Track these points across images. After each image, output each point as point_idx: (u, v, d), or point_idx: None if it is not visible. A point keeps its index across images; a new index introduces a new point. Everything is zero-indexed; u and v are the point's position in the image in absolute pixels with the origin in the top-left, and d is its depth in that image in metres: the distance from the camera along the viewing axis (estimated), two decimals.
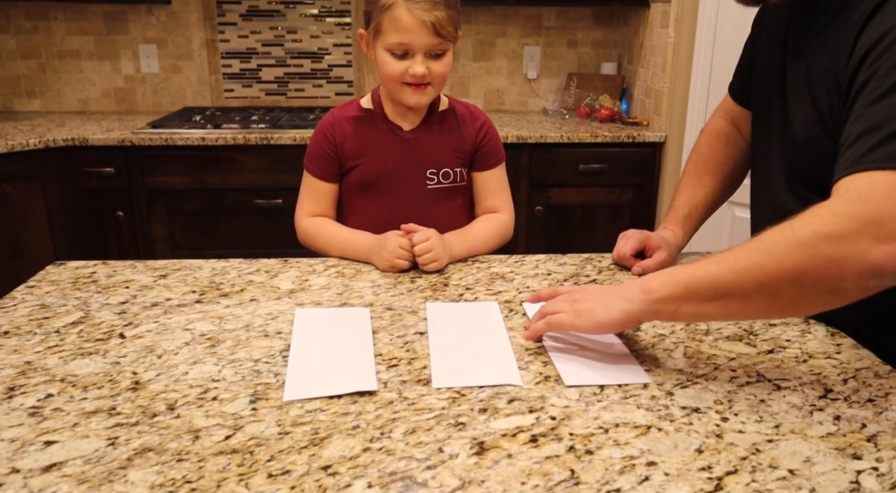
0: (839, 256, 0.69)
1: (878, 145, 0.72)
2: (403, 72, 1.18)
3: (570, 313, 0.86)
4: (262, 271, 1.19)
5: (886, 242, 0.68)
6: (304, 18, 2.97)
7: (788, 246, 0.71)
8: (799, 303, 0.75)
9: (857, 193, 0.71)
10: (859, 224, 0.68)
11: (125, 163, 2.48)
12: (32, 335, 0.95)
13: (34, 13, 2.87)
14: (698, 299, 0.78)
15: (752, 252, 0.75)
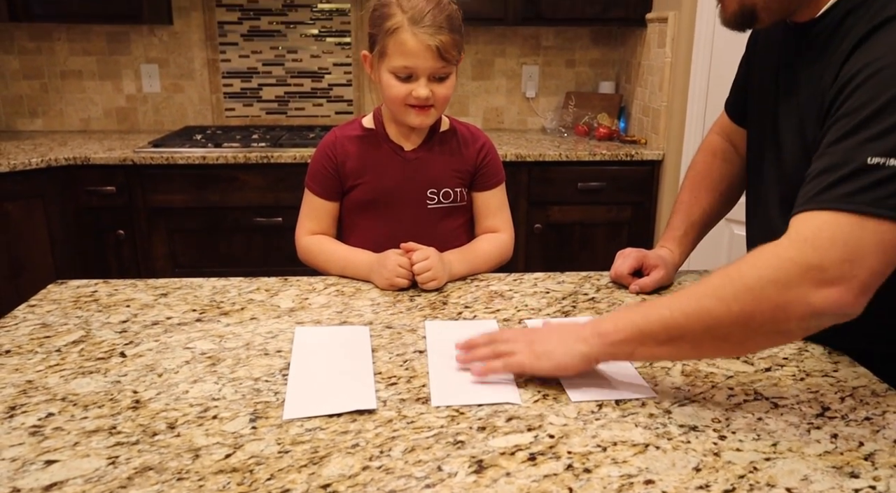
0: (783, 300, 0.72)
1: (832, 185, 0.74)
2: (407, 94, 1.20)
3: (529, 354, 0.85)
4: (263, 289, 1.20)
5: (826, 287, 0.71)
6: (304, 38, 3.00)
7: (736, 291, 0.74)
8: (746, 344, 0.79)
9: (804, 237, 0.74)
10: (802, 270, 0.72)
11: (126, 181, 2.49)
12: (34, 354, 0.95)
13: (37, 34, 2.91)
14: (652, 342, 0.80)
15: (701, 296, 0.77)
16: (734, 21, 0.91)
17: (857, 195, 0.72)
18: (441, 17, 1.16)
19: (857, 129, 0.74)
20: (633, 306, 0.85)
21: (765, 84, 1.04)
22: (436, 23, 1.15)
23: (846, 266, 0.71)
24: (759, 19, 0.90)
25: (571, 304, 1.14)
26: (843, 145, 0.74)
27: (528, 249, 2.68)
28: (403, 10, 1.16)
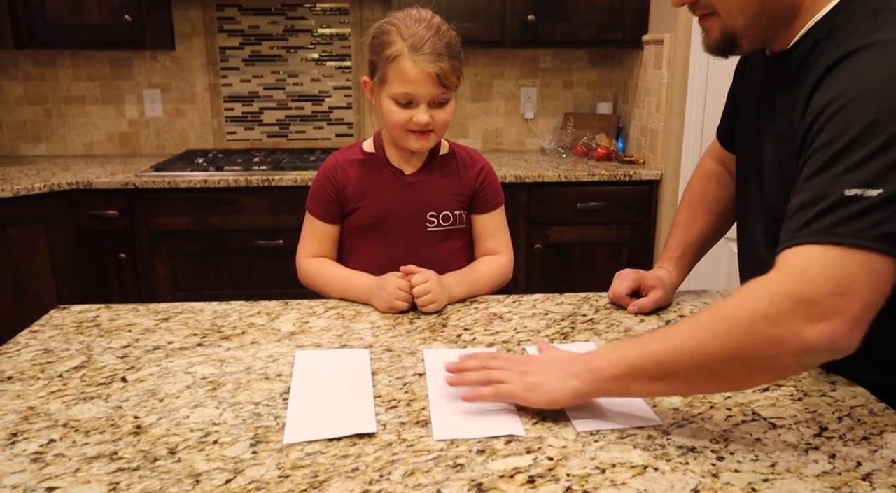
0: (776, 336, 0.72)
1: (813, 220, 0.74)
2: (408, 120, 1.22)
3: (521, 385, 0.85)
4: (263, 313, 1.21)
5: (819, 321, 0.70)
6: (305, 62, 3.04)
7: (729, 326, 0.74)
8: (740, 380, 0.79)
9: (794, 270, 0.73)
10: (793, 304, 0.71)
11: (128, 205, 2.51)
12: (35, 380, 0.96)
13: (42, 60, 2.94)
14: (645, 378, 0.80)
15: (695, 332, 0.77)
16: (716, 48, 0.93)
17: (839, 227, 0.72)
18: (440, 44, 1.18)
19: (831, 162, 0.74)
20: (627, 342, 0.85)
21: (748, 113, 1.06)
22: (435, 50, 1.17)
23: (838, 300, 0.70)
24: (739, 46, 0.91)
25: (570, 325, 1.14)
26: (820, 179, 0.75)
27: (529, 269, 2.69)
28: (403, 37, 1.18)
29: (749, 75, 1.08)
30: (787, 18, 0.88)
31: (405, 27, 1.19)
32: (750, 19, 0.88)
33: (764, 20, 0.88)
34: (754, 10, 0.87)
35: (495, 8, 2.69)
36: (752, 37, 0.90)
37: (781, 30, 0.90)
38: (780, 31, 0.90)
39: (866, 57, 0.77)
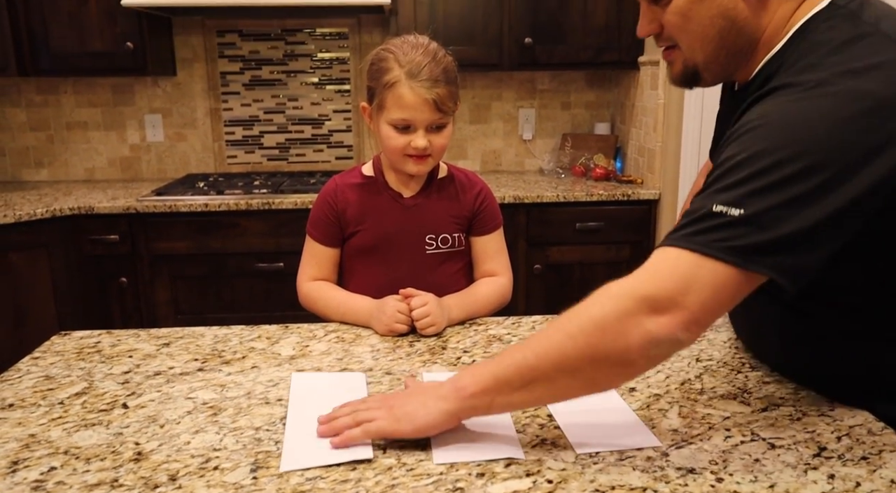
0: (622, 328, 0.76)
1: (682, 226, 0.78)
2: (406, 145, 1.23)
3: (389, 417, 0.84)
4: (264, 337, 1.21)
5: (660, 314, 0.75)
6: (304, 86, 3.07)
7: (581, 323, 0.78)
8: (597, 379, 0.81)
9: (647, 268, 0.79)
10: (639, 300, 0.76)
11: (129, 230, 2.52)
12: (37, 407, 0.96)
13: (45, 87, 2.98)
14: (509, 388, 0.81)
15: (551, 334, 0.80)
16: (680, 80, 0.95)
17: (697, 236, 0.76)
18: (437, 70, 1.20)
19: (715, 180, 0.79)
20: (489, 359, 0.87)
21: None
22: (432, 76, 1.19)
23: (678, 297, 0.75)
24: (702, 79, 0.93)
25: None
26: (704, 193, 0.79)
27: (529, 290, 2.69)
28: (401, 64, 1.20)
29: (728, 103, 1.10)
30: (746, 53, 0.90)
31: (402, 54, 1.21)
32: (710, 54, 0.90)
33: (724, 55, 0.90)
34: (714, 45, 0.89)
35: (492, 31, 2.73)
36: (713, 70, 0.92)
37: (743, 63, 0.91)
38: (742, 64, 0.91)
39: (783, 95, 0.80)
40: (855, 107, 0.75)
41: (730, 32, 0.88)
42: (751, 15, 0.87)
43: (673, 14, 0.89)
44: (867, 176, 0.74)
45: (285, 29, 3.00)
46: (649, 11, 0.92)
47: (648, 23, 0.93)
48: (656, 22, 0.92)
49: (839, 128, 0.74)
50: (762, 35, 0.88)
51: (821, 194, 0.73)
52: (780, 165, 0.74)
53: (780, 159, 0.74)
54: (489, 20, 2.72)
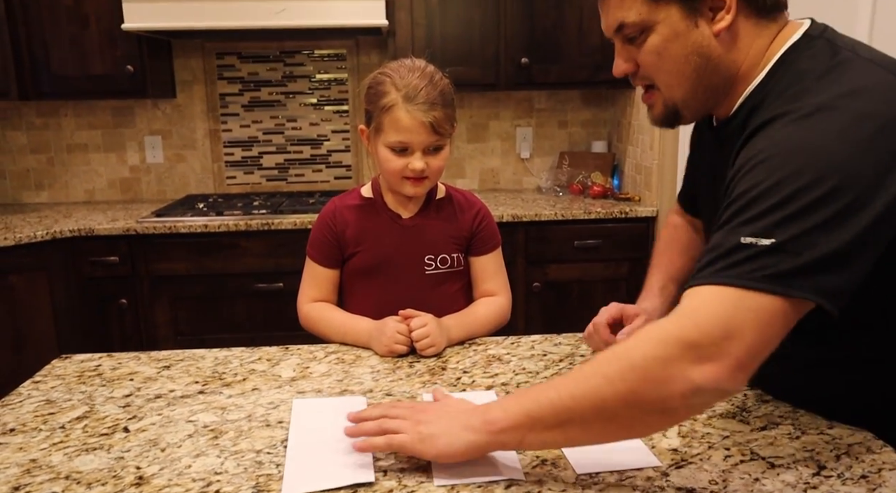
0: (664, 377, 0.74)
1: (711, 263, 0.77)
2: (404, 167, 1.25)
3: (413, 435, 0.83)
4: (264, 359, 1.21)
5: (704, 363, 0.73)
6: (303, 107, 3.10)
7: (621, 369, 0.76)
8: (634, 425, 0.79)
9: (686, 312, 0.76)
10: (682, 347, 0.73)
11: (129, 251, 2.53)
12: (38, 432, 0.96)
13: (45, 110, 3.00)
14: (541, 427, 0.79)
15: (588, 376, 0.78)
16: (661, 120, 0.96)
17: (730, 270, 0.75)
18: (434, 93, 1.22)
19: (737, 213, 0.78)
20: (525, 391, 0.84)
21: (704, 183, 1.10)
22: (429, 99, 1.21)
23: (723, 342, 0.72)
24: (682, 117, 0.94)
25: (569, 366, 1.15)
26: (726, 228, 0.78)
27: (528, 308, 2.69)
28: (398, 88, 1.22)
29: (702, 145, 1.12)
30: (725, 88, 0.91)
31: (399, 78, 1.23)
32: (688, 91, 0.91)
33: (702, 91, 0.91)
34: (691, 82, 0.90)
35: (489, 52, 2.76)
36: (692, 107, 0.93)
37: (722, 98, 0.92)
38: (721, 99, 0.92)
39: (782, 123, 0.80)
40: (864, 127, 0.75)
41: (706, 69, 0.89)
42: (725, 51, 0.88)
43: (648, 53, 0.90)
44: (887, 192, 0.74)
45: (284, 51, 3.03)
46: (624, 51, 0.93)
47: (624, 61, 0.94)
48: (632, 61, 0.93)
49: (854, 148, 0.75)
50: (738, 70, 0.90)
51: (848, 214, 0.73)
52: (803, 190, 0.74)
53: (803, 185, 0.74)
54: (486, 41, 2.75)
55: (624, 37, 0.92)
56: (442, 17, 2.72)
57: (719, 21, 0.86)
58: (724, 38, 0.87)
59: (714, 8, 0.86)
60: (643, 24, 0.88)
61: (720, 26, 0.86)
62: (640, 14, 0.88)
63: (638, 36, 0.90)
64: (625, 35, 0.91)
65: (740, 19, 0.87)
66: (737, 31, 0.88)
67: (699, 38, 0.87)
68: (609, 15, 0.92)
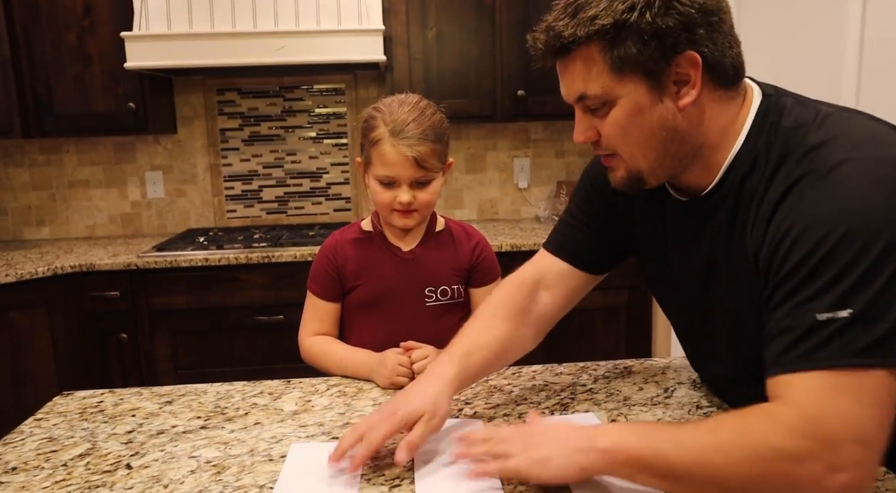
0: (796, 475, 0.72)
1: (793, 345, 0.75)
2: (392, 200, 1.27)
3: (525, 458, 0.83)
4: (266, 393, 1.22)
5: (840, 472, 0.71)
6: (302, 141, 3.13)
7: (746, 455, 0.74)
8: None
9: (800, 403, 0.74)
10: (815, 448, 0.71)
11: (130, 286, 2.54)
12: (40, 470, 0.96)
13: (48, 148, 3.03)
14: (651, 473, 0.79)
15: (709, 449, 0.76)
16: (623, 185, 0.93)
17: (818, 351, 0.73)
18: (422, 127, 1.24)
19: (799, 288, 0.76)
20: (633, 427, 0.84)
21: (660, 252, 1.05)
22: (416, 134, 1.23)
23: (860, 450, 0.71)
24: (646, 182, 0.92)
25: (570, 396, 1.16)
26: (792, 305, 0.76)
27: None
28: (385, 123, 1.25)
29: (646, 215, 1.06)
30: (692, 157, 0.89)
31: (389, 113, 1.26)
32: (653, 161, 0.89)
33: (669, 160, 0.89)
34: (656, 154, 0.88)
35: (486, 85, 2.80)
36: (658, 175, 0.91)
37: (691, 166, 0.91)
38: (690, 166, 0.91)
39: (808, 186, 0.79)
40: (892, 172, 0.75)
41: (672, 141, 0.87)
42: (691, 124, 0.87)
43: (611, 126, 0.88)
44: None
45: (283, 86, 3.08)
46: (585, 119, 0.90)
47: (584, 130, 0.91)
48: (593, 129, 0.90)
49: (891, 195, 0.74)
50: (708, 140, 0.88)
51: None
52: (861, 253, 0.73)
53: (858, 248, 0.73)
54: (482, 74, 2.80)
55: (585, 106, 0.89)
56: (439, 52, 2.77)
57: (684, 96, 0.85)
58: (690, 111, 0.86)
59: (678, 82, 0.84)
60: (605, 98, 0.86)
61: (685, 101, 0.85)
62: (603, 87, 0.85)
63: (600, 108, 0.87)
64: (586, 105, 0.89)
65: (705, 92, 0.86)
66: (703, 104, 0.86)
67: (664, 113, 0.85)
68: (570, 84, 0.89)
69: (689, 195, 0.96)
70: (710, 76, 0.85)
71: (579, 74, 0.87)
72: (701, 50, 0.83)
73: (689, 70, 0.84)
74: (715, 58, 0.84)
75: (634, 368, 1.28)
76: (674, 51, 0.82)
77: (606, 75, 0.85)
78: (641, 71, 0.83)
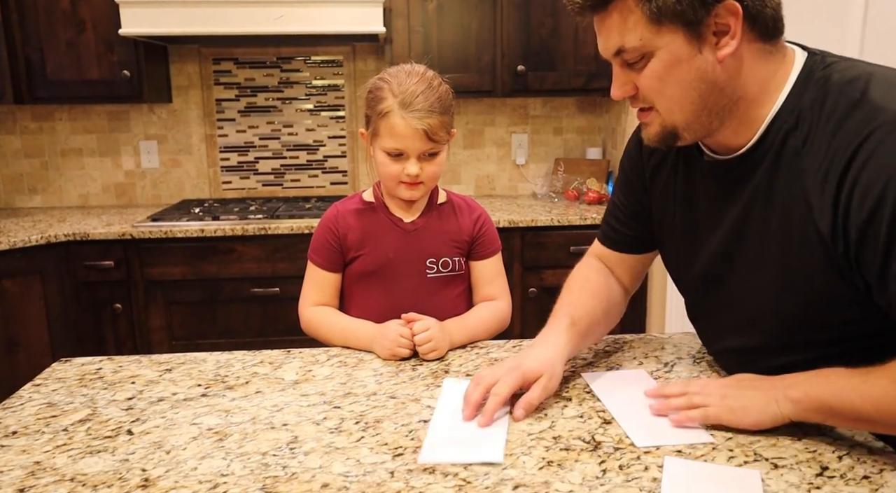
0: None
1: None
2: (399, 172, 1.26)
3: (724, 408, 0.91)
4: (266, 362, 1.21)
5: None
6: (299, 113, 3.10)
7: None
8: None
9: None
10: None
11: (124, 256, 2.52)
12: (40, 435, 0.96)
13: (40, 115, 2.99)
14: (840, 418, 0.86)
15: (890, 395, 0.80)
16: (657, 141, 0.93)
17: None
18: (431, 99, 1.23)
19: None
20: (822, 380, 0.87)
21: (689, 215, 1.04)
22: (425, 106, 1.22)
23: None
24: (681, 138, 0.92)
25: (570, 369, 1.16)
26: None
27: (524, 312, 2.70)
28: (394, 94, 1.23)
29: (667, 182, 1.07)
30: (729, 111, 0.89)
31: (397, 84, 1.24)
32: (690, 115, 0.89)
33: (706, 114, 0.89)
34: (695, 107, 0.88)
35: (486, 59, 2.77)
36: (694, 129, 0.91)
37: (727, 120, 0.90)
38: (726, 122, 0.90)
39: (881, 139, 0.77)
40: None
41: (710, 94, 0.87)
42: (730, 76, 0.86)
43: (649, 78, 0.87)
44: None
45: (281, 57, 3.04)
46: (623, 74, 0.90)
47: (622, 85, 0.91)
48: (630, 84, 0.90)
49: None
50: (746, 94, 0.88)
51: None
52: None
53: None
54: (482, 48, 2.77)
55: (623, 61, 0.89)
56: (439, 25, 2.74)
57: (724, 47, 0.84)
58: (729, 63, 0.85)
59: (718, 33, 0.84)
60: (644, 49, 0.85)
61: (724, 52, 0.84)
62: (641, 39, 0.85)
63: (638, 61, 0.87)
64: (624, 59, 0.88)
65: (744, 44, 0.85)
66: (742, 57, 0.85)
67: (703, 65, 0.85)
68: (608, 38, 0.88)
69: (724, 154, 0.96)
70: (751, 27, 0.85)
71: (616, 28, 0.86)
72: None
73: (728, 20, 0.83)
74: (756, 8, 0.84)
75: (634, 343, 1.28)
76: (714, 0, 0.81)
77: (644, 26, 0.84)
78: (680, 21, 0.83)
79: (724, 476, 0.82)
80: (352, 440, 0.93)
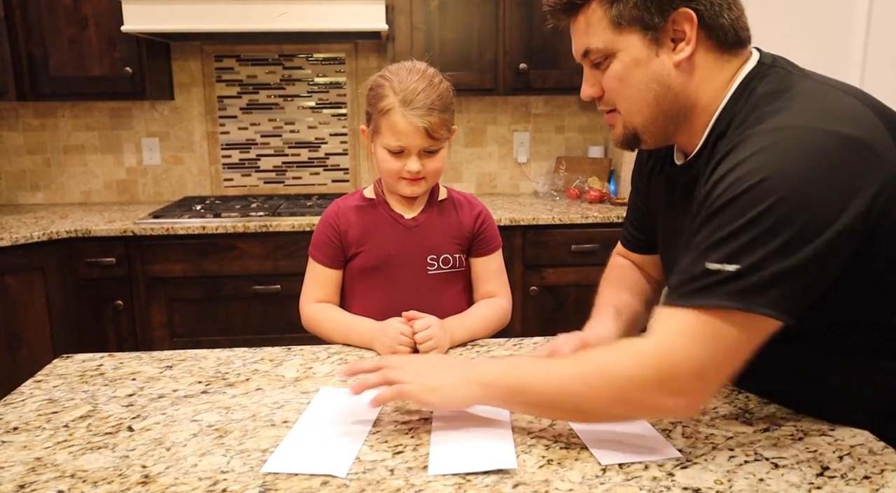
0: (639, 400, 0.84)
1: (680, 285, 0.82)
2: (400, 168, 1.26)
3: (419, 386, 0.92)
4: (267, 359, 1.21)
5: (677, 396, 0.82)
6: (301, 110, 3.10)
7: (603, 382, 0.85)
8: (602, 418, 0.90)
9: (663, 338, 0.83)
10: (659, 379, 0.82)
11: (126, 253, 2.52)
12: (41, 430, 0.96)
13: (42, 111, 2.99)
14: (522, 401, 0.91)
15: (574, 379, 0.86)
16: (621, 142, 0.99)
17: (696, 295, 0.80)
18: (431, 97, 1.23)
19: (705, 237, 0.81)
20: (513, 365, 0.95)
21: (668, 227, 1.10)
22: (426, 104, 1.22)
23: (697, 382, 0.82)
24: (643, 141, 0.97)
25: None
26: (694, 252, 0.82)
27: (525, 311, 2.70)
28: (395, 91, 1.23)
29: (657, 187, 1.12)
30: (684, 117, 0.94)
31: (398, 81, 1.24)
32: (647, 117, 0.94)
33: (662, 118, 0.94)
34: (651, 110, 0.93)
35: (488, 57, 2.77)
36: (652, 132, 0.96)
37: (682, 127, 0.95)
38: (681, 127, 0.95)
39: (745, 145, 0.82)
40: (823, 145, 0.78)
41: (665, 97, 0.92)
42: (684, 81, 0.91)
43: (611, 79, 0.93)
44: (847, 213, 0.76)
45: (283, 54, 3.04)
46: (591, 75, 0.97)
47: (590, 86, 0.97)
48: (597, 85, 0.96)
49: (813, 170, 0.77)
50: (699, 101, 0.92)
51: (807, 237, 0.76)
52: (767, 211, 0.76)
53: (767, 206, 0.76)
54: (485, 46, 2.76)
55: (590, 62, 0.95)
56: (441, 23, 2.74)
57: (679, 52, 0.89)
58: (685, 68, 0.90)
59: (675, 39, 0.89)
60: (606, 51, 0.92)
61: (680, 57, 0.89)
62: (603, 41, 0.91)
63: (603, 61, 0.93)
64: (591, 60, 0.95)
65: (700, 52, 0.90)
66: (696, 64, 0.90)
67: (659, 68, 0.90)
68: (577, 40, 0.96)
69: (684, 159, 1.01)
70: (707, 35, 0.90)
71: (583, 30, 0.94)
72: (697, 7, 0.87)
73: (684, 26, 0.88)
74: (711, 17, 0.89)
75: None
76: (671, 6, 0.87)
77: (606, 29, 0.91)
78: (639, 25, 0.89)
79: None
80: None
